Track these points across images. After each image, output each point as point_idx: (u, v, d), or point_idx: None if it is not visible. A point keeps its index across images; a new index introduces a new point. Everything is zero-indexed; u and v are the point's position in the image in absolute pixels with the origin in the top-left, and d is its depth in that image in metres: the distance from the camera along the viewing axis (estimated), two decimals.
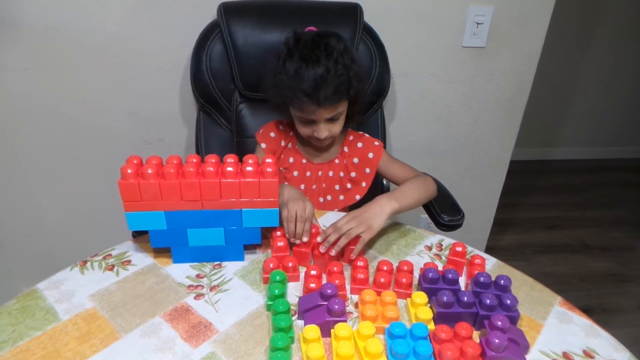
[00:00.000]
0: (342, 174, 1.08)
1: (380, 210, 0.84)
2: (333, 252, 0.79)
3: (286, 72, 0.91)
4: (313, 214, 0.85)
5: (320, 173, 1.08)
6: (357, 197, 1.08)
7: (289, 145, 1.07)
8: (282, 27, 1.11)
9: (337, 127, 0.98)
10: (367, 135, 1.10)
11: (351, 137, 1.09)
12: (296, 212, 0.82)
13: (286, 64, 0.91)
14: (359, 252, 0.80)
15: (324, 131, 0.95)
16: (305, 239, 0.82)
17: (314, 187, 1.08)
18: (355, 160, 1.07)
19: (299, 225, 0.82)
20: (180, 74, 1.32)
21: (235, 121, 1.22)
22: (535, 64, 1.46)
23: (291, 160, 1.07)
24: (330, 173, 1.08)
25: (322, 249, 0.80)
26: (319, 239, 0.82)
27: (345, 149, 1.08)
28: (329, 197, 1.09)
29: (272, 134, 1.07)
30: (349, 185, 1.08)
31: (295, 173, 1.07)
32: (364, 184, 1.07)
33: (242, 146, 1.22)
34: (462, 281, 0.80)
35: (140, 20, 1.22)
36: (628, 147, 3.09)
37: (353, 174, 1.07)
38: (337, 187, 1.09)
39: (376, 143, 1.07)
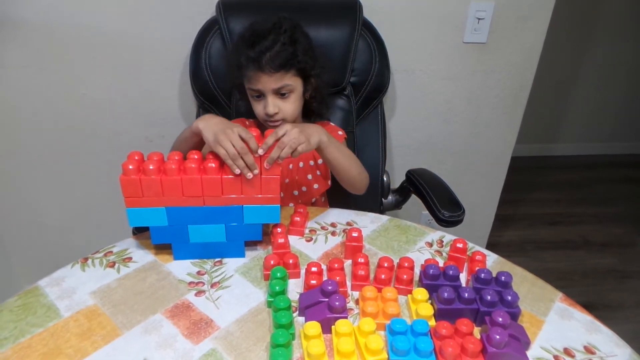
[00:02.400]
0: (311, 162, 1.08)
1: (317, 131, 0.86)
2: (267, 166, 0.75)
3: (237, 47, 0.97)
4: (249, 134, 0.76)
5: (291, 166, 1.07)
6: (329, 183, 1.09)
7: None
8: None
9: (288, 106, 0.98)
10: (332, 123, 1.12)
11: None
12: (233, 145, 0.73)
13: (239, 41, 0.98)
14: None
15: (271, 106, 0.96)
16: (256, 172, 0.74)
17: (286, 181, 1.07)
18: None
19: (246, 159, 0.74)
20: (181, 71, 1.31)
21: (235, 118, 1.21)
22: (536, 59, 1.45)
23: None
24: (301, 164, 1.07)
25: (266, 166, 0.75)
26: (260, 151, 0.74)
27: None
28: (304, 189, 1.08)
29: None
30: (318, 172, 1.08)
31: None
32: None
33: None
34: (463, 277, 0.80)
35: (139, 17, 1.22)
36: (630, 143, 3.08)
37: (320, 161, 1.07)
38: (309, 176, 1.08)
39: (339, 132, 1.09)
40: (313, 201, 1.12)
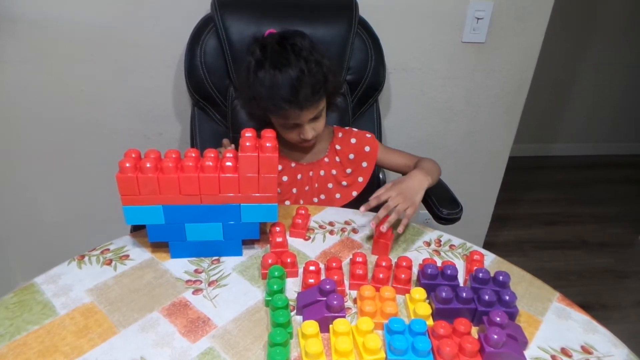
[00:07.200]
0: (334, 171, 1.07)
1: (420, 186, 0.88)
2: (384, 228, 0.81)
3: (261, 84, 0.89)
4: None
5: (311, 173, 1.07)
6: (354, 194, 1.08)
7: None
8: (277, 21, 1.11)
9: (320, 124, 0.98)
10: (355, 129, 1.10)
11: (340, 134, 1.08)
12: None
13: (258, 74, 0.89)
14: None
15: (309, 132, 0.95)
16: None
17: (306, 188, 1.07)
18: (351, 156, 1.07)
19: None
20: (179, 69, 1.31)
21: (231, 117, 1.20)
22: (535, 59, 1.45)
23: (279, 167, 1.05)
24: (322, 172, 1.07)
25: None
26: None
27: (337, 147, 1.07)
28: (322, 197, 1.08)
29: None
30: (344, 183, 1.08)
31: (285, 178, 1.05)
32: (360, 179, 1.07)
33: (238, 142, 1.21)
34: (461, 277, 0.80)
35: (136, 14, 1.22)
36: (628, 144, 3.08)
37: (349, 171, 1.07)
38: (330, 185, 1.08)
39: (368, 135, 1.08)
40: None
